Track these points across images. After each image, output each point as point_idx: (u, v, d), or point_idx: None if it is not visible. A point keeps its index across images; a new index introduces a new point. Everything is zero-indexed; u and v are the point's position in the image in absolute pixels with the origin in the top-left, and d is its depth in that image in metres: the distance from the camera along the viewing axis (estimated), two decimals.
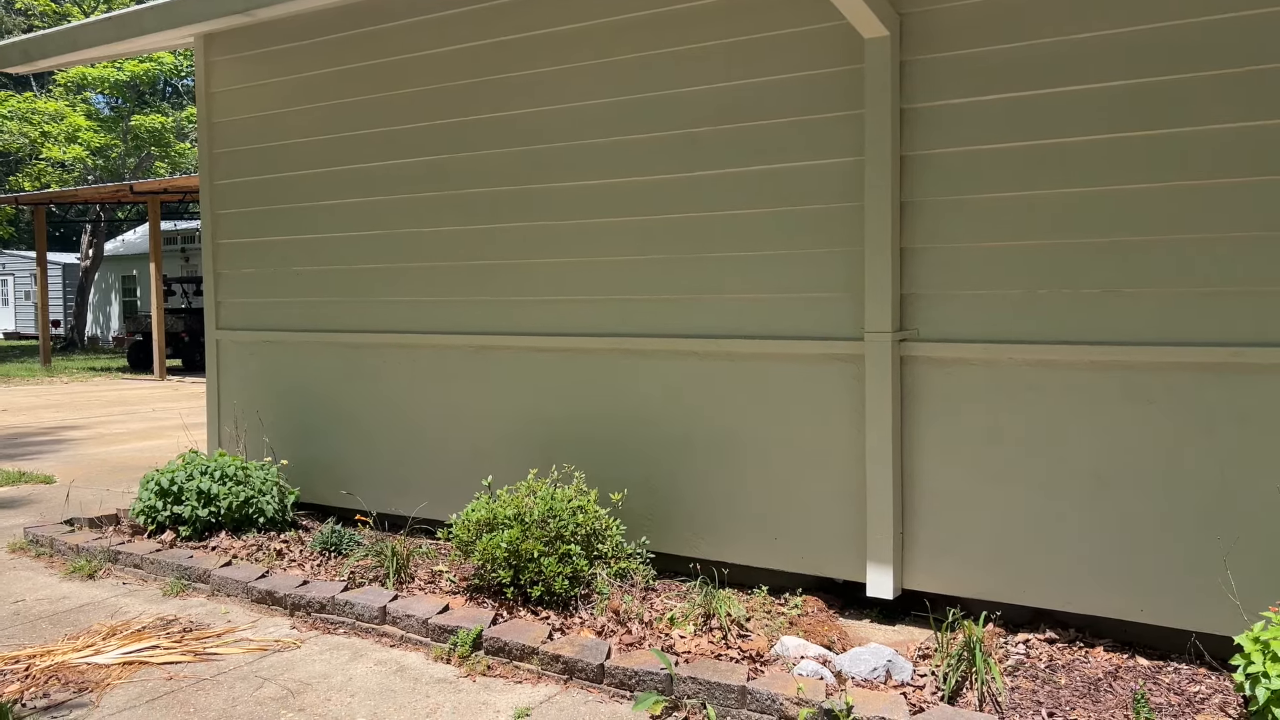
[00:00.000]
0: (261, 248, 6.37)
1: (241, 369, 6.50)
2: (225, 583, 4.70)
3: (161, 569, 4.98)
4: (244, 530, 5.55)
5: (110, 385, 18.06)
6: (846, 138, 4.27)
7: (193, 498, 5.46)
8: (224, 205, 6.52)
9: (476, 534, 4.43)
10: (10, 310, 36.95)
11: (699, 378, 4.73)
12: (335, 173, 5.98)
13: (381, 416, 5.82)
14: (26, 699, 3.60)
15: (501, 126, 5.27)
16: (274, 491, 5.67)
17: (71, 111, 26.53)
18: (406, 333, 5.73)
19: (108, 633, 4.22)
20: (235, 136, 6.42)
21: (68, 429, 11.43)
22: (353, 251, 5.94)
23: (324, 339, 6.09)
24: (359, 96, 5.84)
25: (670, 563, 4.79)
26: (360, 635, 4.20)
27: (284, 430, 6.18)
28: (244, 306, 6.49)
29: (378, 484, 5.77)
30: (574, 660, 3.64)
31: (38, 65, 6.29)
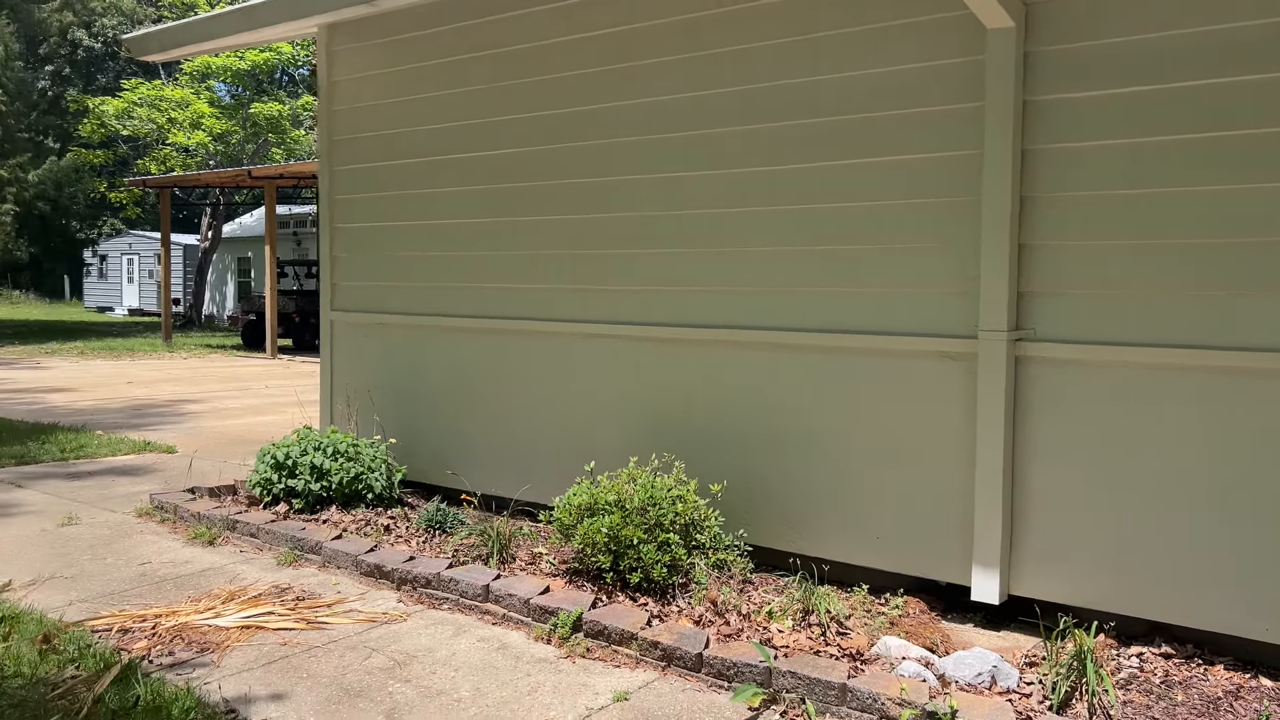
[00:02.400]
0: (376, 233, 6.56)
1: (354, 349, 6.71)
2: (336, 555, 4.87)
3: (276, 539, 5.18)
4: (353, 505, 5.73)
5: (225, 362, 18.85)
6: (963, 131, 4.17)
7: (306, 472, 5.67)
8: (342, 191, 6.73)
9: (578, 518, 4.49)
10: (135, 288, 38.85)
11: (800, 371, 4.69)
12: (448, 160, 6.11)
13: (486, 400, 5.94)
14: (153, 656, 3.80)
15: (616, 116, 5.30)
16: (382, 469, 5.84)
17: (196, 99, 27.70)
18: (511, 319, 5.83)
19: (227, 597, 4.42)
20: (354, 124, 6.62)
21: (187, 402, 11.98)
22: (462, 238, 6.06)
23: (432, 323, 6.24)
24: (474, 85, 5.95)
25: (766, 556, 4.77)
26: (463, 612, 4.31)
27: (392, 410, 6.36)
28: (358, 289, 6.69)
29: (480, 465, 5.89)
30: (672, 648, 3.67)
31: (171, 54, 6.59)
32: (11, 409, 10.78)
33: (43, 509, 6.13)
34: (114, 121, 27.27)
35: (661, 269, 5.16)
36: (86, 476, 7.18)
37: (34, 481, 6.97)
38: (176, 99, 27.33)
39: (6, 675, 3.57)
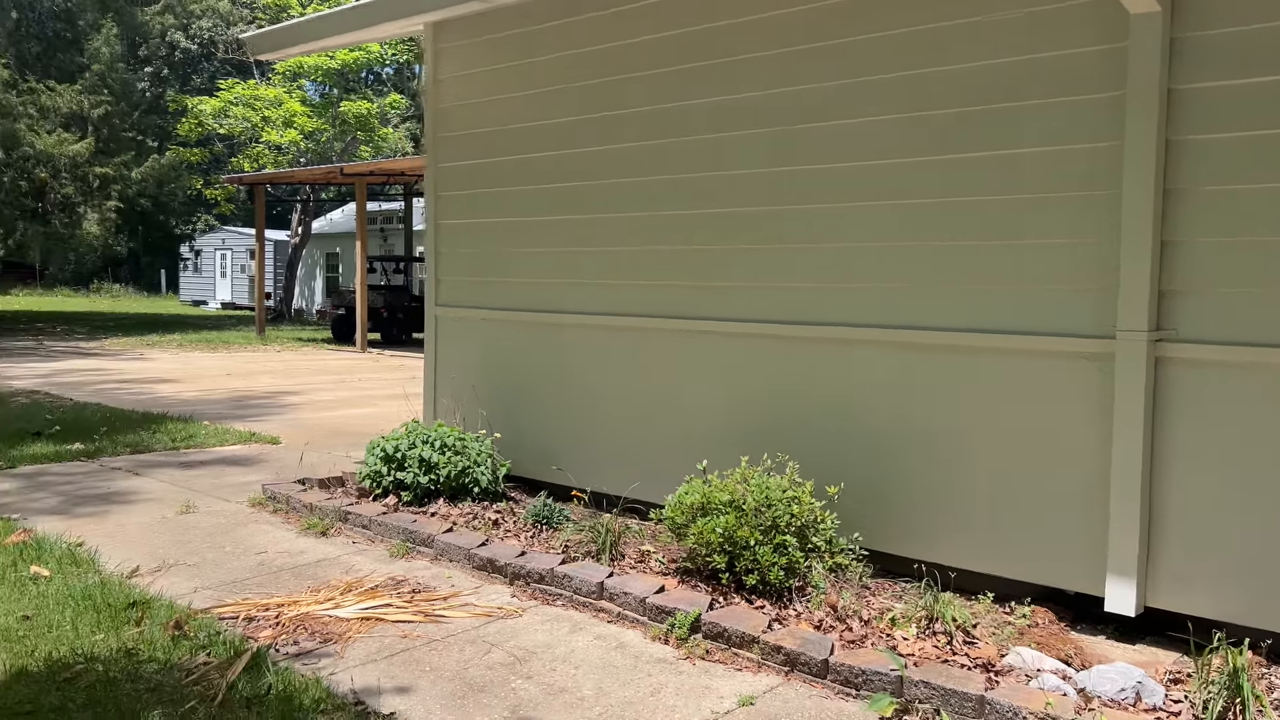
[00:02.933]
0: (480, 229, 6.60)
1: (458, 344, 6.77)
2: (448, 548, 4.90)
3: (388, 531, 5.24)
4: (460, 499, 5.77)
5: (316, 355, 19.29)
6: (1102, 121, 4.00)
7: (414, 465, 5.72)
8: (447, 187, 6.79)
9: (690, 517, 4.43)
10: (227, 282, 40.09)
11: (921, 371, 4.56)
12: (552, 157, 6.11)
13: (591, 396, 5.93)
14: (279, 644, 3.86)
15: (724, 111, 5.23)
16: (488, 463, 5.87)
17: (288, 98, 28.42)
18: (617, 315, 5.80)
19: (345, 588, 4.48)
20: (460, 121, 6.67)
21: (285, 394, 12.27)
22: (566, 234, 6.06)
23: (535, 319, 6.25)
24: (579, 82, 5.94)
25: (883, 561, 4.65)
26: (577, 609, 4.29)
27: (495, 404, 6.39)
28: (462, 285, 6.74)
29: (584, 462, 5.88)
30: (796, 653, 3.59)
31: (285, 53, 6.72)
32: (122, 399, 11.17)
33: (160, 497, 6.31)
34: (211, 120, 28.13)
35: (775, 265, 5.07)
36: (198, 466, 7.39)
37: (150, 470, 7.20)
38: (270, 98, 28.07)
39: (142, 660, 3.66)
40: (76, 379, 13.31)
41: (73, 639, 3.83)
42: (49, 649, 3.73)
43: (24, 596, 4.28)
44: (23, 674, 3.53)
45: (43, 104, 23.73)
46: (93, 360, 16.66)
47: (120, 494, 6.38)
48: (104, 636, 3.86)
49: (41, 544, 4.99)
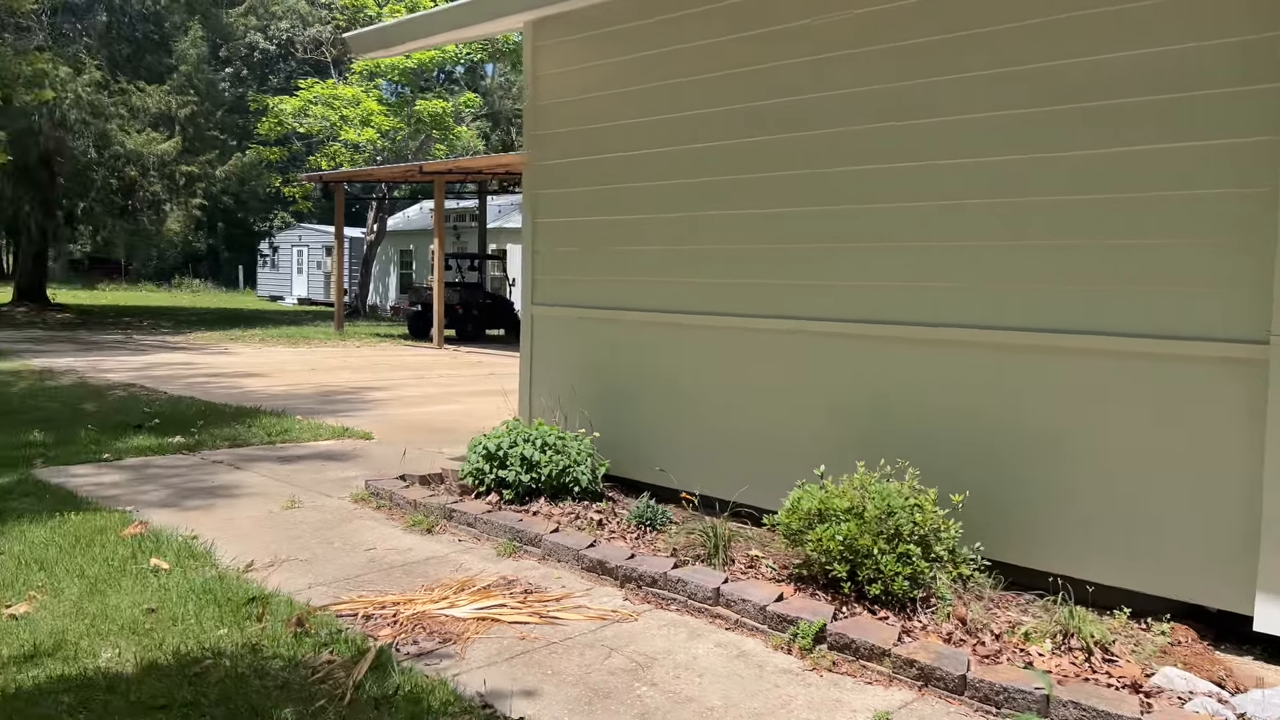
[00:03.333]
0: (577, 227, 6.56)
1: (554, 343, 6.75)
2: (555, 548, 4.87)
3: (493, 530, 5.23)
4: (560, 498, 5.74)
5: (394, 351, 19.54)
6: (1250, 115, 3.79)
7: (516, 463, 5.71)
8: (544, 185, 6.77)
9: (807, 524, 4.33)
10: (304, 278, 40.91)
11: (1049, 375, 4.39)
12: (652, 154, 6.05)
13: (689, 396, 5.85)
14: (399, 644, 3.85)
15: (841, 106, 5.11)
16: (587, 463, 5.83)
17: (365, 97, 28.86)
18: (715, 314, 5.72)
19: (458, 587, 4.46)
20: (558, 118, 6.64)
21: (370, 390, 12.42)
22: (665, 232, 5.99)
23: (631, 317, 6.19)
24: (682, 77, 5.86)
25: (1004, 572, 4.49)
26: (693, 614, 4.22)
27: (593, 404, 6.35)
28: (559, 283, 6.72)
29: (684, 463, 5.80)
30: (930, 667, 3.47)
31: (388, 51, 6.77)
32: (213, 393, 11.41)
33: (264, 491, 6.39)
34: (290, 119, 28.68)
35: (891, 264, 4.94)
36: (296, 460, 7.48)
37: (249, 464, 7.31)
38: (348, 97, 28.52)
39: (267, 656, 3.68)
40: (167, 373, 13.65)
41: (198, 633, 3.87)
42: (176, 642, 3.77)
43: (146, 589, 4.35)
44: (153, 667, 3.57)
45: (132, 104, 24.45)
46: (180, 354, 17.09)
47: (224, 488, 6.48)
48: (227, 631, 3.89)
49: (159, 537, 5.08)
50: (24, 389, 11.34)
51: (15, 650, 3.67)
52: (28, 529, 5.26)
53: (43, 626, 3.90)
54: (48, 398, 10.59)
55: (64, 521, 5.39)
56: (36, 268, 28.30)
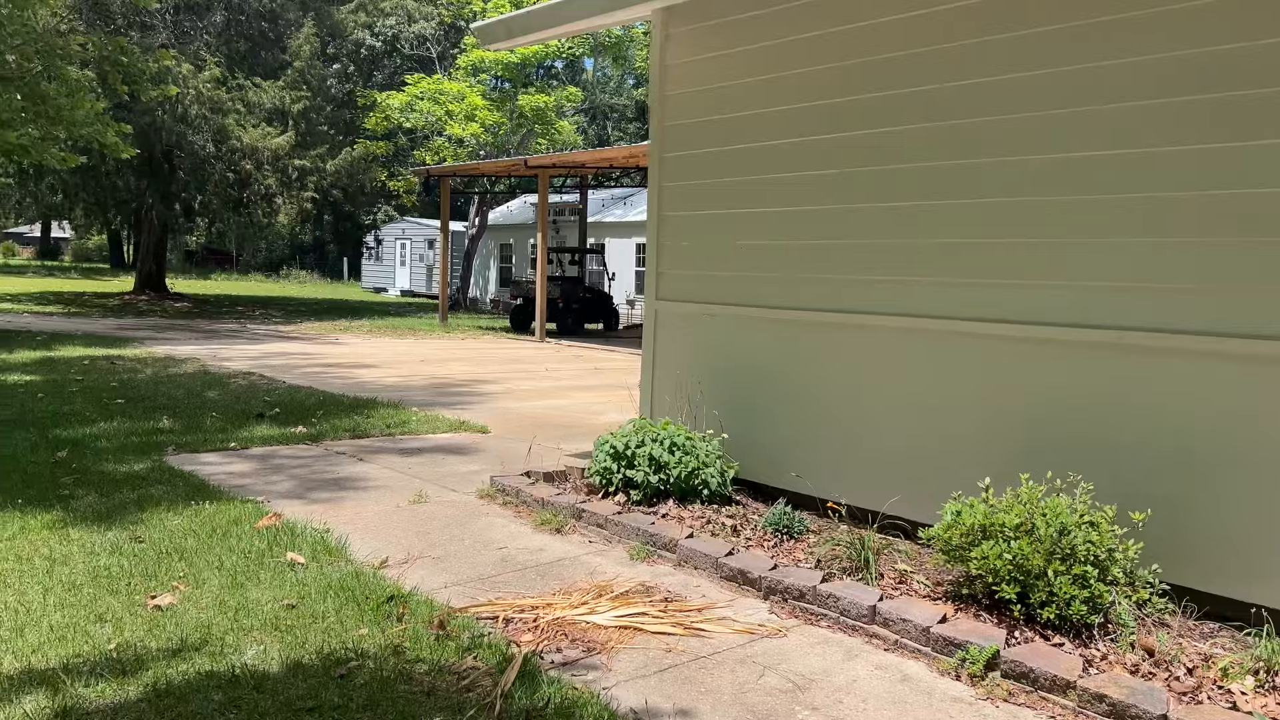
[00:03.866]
0: (705, 221, 6.36)
1: (679, 339, 6.56)
2: (692, 555, 4.68)
3: (625, 532, 5.07)
4: (689, 500, 5.56)
5: (498, 344, 19.67)
6: None
7: (644, 464, 5.54)
8: (671, 177, 6.58)
9: (969, 539, 4.04)
10: (407, 270, 41.70)
11: (1238, 384, 4.01)
12: (788, 145, 5.80)
13: (828, 398, 5.59)
14: (541, 650, 3.71)
15: (993, 93, 4.79)
16: (716, 465, 5.63)
17: (470, 91, 29.18)
18: (855, 312, 5.45)
19: (596, 593, 4.32)
20: (687, 109, 6.44)
21: (480, 382, 12.46)
22: (799, 226, 5.75)
23: (764, 314, 5.97)
24: (816, 66, 5.61)
25: (1191, 599, 4.12)
26: (845, 632, 3.98)
27: (720, 403, 6.14)
28: (685, 278, 6.52)
29: (820, 468, 5.55)
30: (1123, 704, 3.16)
31: (516, 41, 6.67)
32: (329, 383, 11.57)
33: (389, 484, 6.37)
34: (397, 114, 29.18)
35: (1052, 261, 4.60)
36: (416, 453, 7.47)
37: (371, 455, 7.32)
38: (453, 92, 28.88)
39: (410, 659, 3.58)
40: (283, 362, 13.94)
41: (339, 632, 3.81)
42: (319, 641, 3.70)
43: (284, 584, 4.31)
44: (298, 667, 3.50)
45: (249, 100, 25.18)
46: (294, 344, 17.49)
47: (350, 480, 6.48)
48: (368, 631, 3.81)
49: (293, 530, 5.06)
50: (149, 376, 11.69)
51: (164, 643, 3.65)
52: (166, 517, 5.31)
53: (188, 619, 3.89)
54: (172, 385, 10.89)
55: (199, 511, 5.44)
56: (156, 258, 29.45)
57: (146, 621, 3.86)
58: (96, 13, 23.12)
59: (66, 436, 7.58)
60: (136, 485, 6.03)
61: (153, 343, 16.46)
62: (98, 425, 8.11)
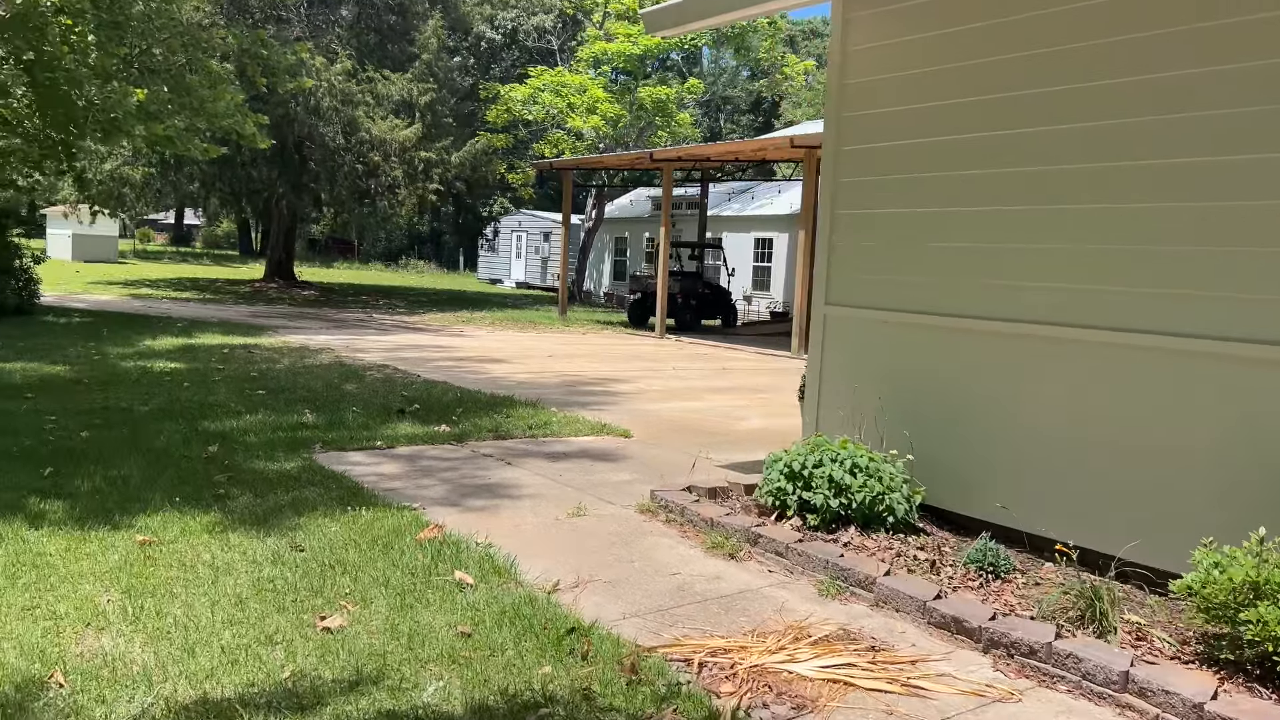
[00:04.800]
0: (886, 220, 5.86)
1: (852, 349, 6.08)
2: (893, 595, 4.22)
3: (808, 563, 4.65)
4: (871, 528, 5.09)
5: (619, 339, 19.43)
6: None
7: (823, 486, 5.10)
8: (849, 173, 6.10)
9: (1237, 599, 3.48)
10: (522, 263, 42.01)
11: None
12: (984, 139, 5.26)
13: (1034, 423, 5.04)
14: (745, 705, 3.32)
15: (1232, 82, 4.18)
16: (902, 489, 5.15)
17: (592, 83, 29.05)
18: (1065, 325, 4.88)
19: (791, 635, 3.90)
20: (869, 99, 5.94)
21: (611, 380, 12.17)
22: (999, 228, 5.20)
23: (954, 324, 5.44)
24: (1032, 49, 5.05)
25: None
26: (1091, 700, 3.47)
27: (901, 421, 5.64)
28: (859, 282, 6.04)
29: (1022, 498, 5.01)
30: None
31: (687, 27, 6.28)
32: (463, 378, 11.46)
33: (541, 492, 6.09)
34: (519, 107, 29.26)
35: None
36: (562, 458, 7.18)
37: (519, 459, 7.07)
38: (575, 84, 28.79)
39: (603, 708, 3.24)
40: (415, 355, 13.94)
41: (521, 668, 3.49)
42: (501, 679, 3.40)
43: (455, 607, 4.03)
44: (484, 710, 3.20)
45: (378, 92, 25.55)
46: (421, 335, 17.58)
47: (502, 486, 6.22)
48: (552, 670, 3.49)
49: (457, 545, 4.80)
50: (287, 366, 11.78)
51: (339, 673, 3.40)
52: (323, 524, 5.13)
53: (359, 645, 3.63)
54: (310, 376, 10.91)
55: (356, 518, 5.23)
56: (286, 247, 30.27)
57: (318, 646, 3.62)
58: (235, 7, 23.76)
59: (214, 429, 7.56)
60: (290, 486, 5.89)
61: (285, 331, 16.75)
62: (243, 418, 8.09)
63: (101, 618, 3.80)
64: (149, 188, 26.10)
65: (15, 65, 13.91)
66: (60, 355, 11.67)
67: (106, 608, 3.89)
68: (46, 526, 4.88)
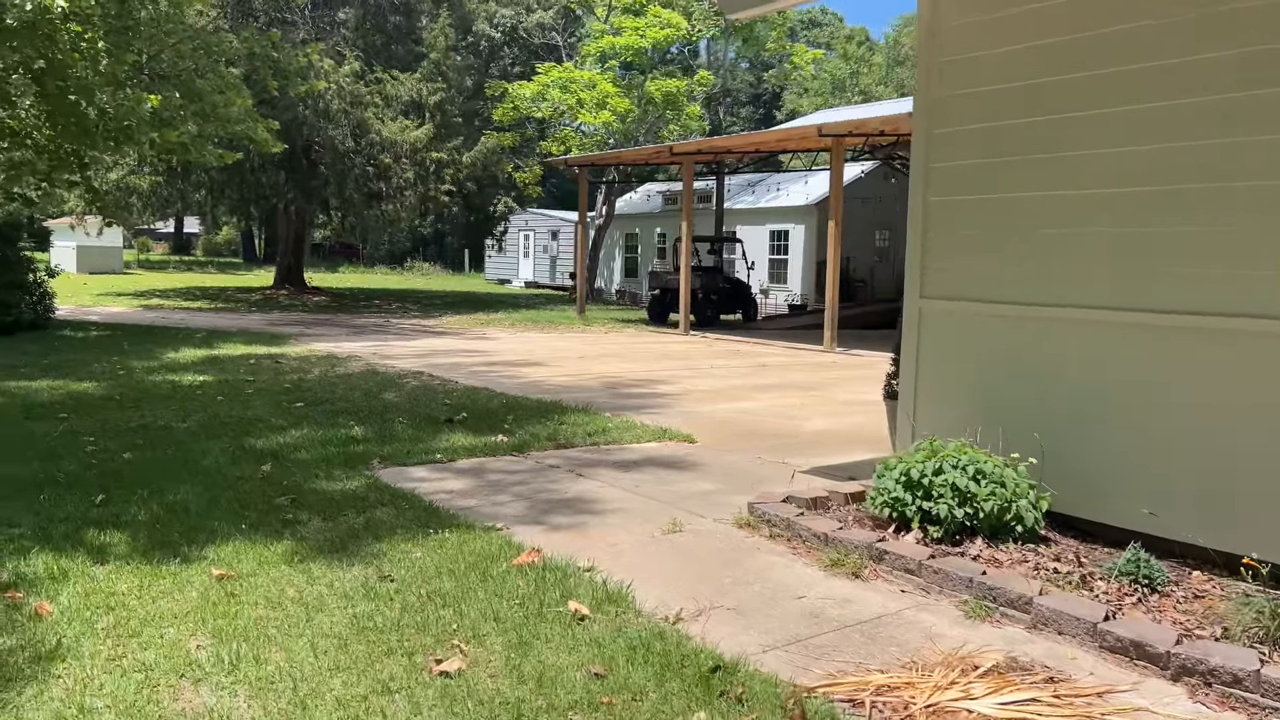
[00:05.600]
0: (987, 205, 5.49)
1: (952, 345, 5.71)
2: (1054, 617, 3.85)
3: (946, 581, 4.27)
4: (999, 539, 4.73)
5: (643, 338, 19.05)
6: None
7: (947, 494, 4.73)
8: (943, 157, 5.72)
9: None
10: (530, 262, 41.64)
11: None
12: (1106, 116, 4.89)
13: (1174, 424, 4.66)
14: None
15: None
16: (1029, 496, 4.78)
17: (601, 78, 28.62)
18: (1206, 314, 4.51)
19: (957, 667, 3.53)
20: (966, 77, 5.56)
21: (653, 381, 11.80)
22: (1123, 211, 4.83)
23: (1073, 315, 5.06)
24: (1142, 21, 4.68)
25: None
26: None
27: (1013, 422, 5.26)
28: (958, 274, 5.66)
29: (1169, 503, 4.64)
30: None
31: (766, 8, 5.90)
32: (504, 384, 11.09)
33: (625, 506, 5.72)
34: (528, 104, 28.84)
35: None
36: (633, 467, 6.81)
37: (587, 470, 6.70)
38: (584, 80, 28.37)
39: None
40: (447, 360, 13.58)
41: (670, 715, 3.13)
42: None
43: (578, 644, 3.66)
44: None
45: (387, 93, 25.14)
46: (445, 340, 17.21)
47: (581, 501, 5.85)
48: (707, 716, 3.12)
49: (561, 570, 4.42)
50: (318, 376, 11.42)
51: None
52: (406, 549, 4.76)
53: (486, 691, 3.27)
54: (346, 386, 10.55)
55: (441, 542, 4.86)
56: (295, 252, 29.88)
57: (440, 694, 3.25)
58: (240, 10, 23.36)
59: (262, 447, 7.19)
60: (359, 507, 5.52)
61: (307, 339, 16.38)
62: (289, 433, 7.72)
63: (196, 667, 3.43)
64: (156, 196, 25.70)
65: (25, 74, 13.54)
66: (85, 371, 11.31)
67: (198, 655, 3.52)
68: (112, 561, 4.51)
